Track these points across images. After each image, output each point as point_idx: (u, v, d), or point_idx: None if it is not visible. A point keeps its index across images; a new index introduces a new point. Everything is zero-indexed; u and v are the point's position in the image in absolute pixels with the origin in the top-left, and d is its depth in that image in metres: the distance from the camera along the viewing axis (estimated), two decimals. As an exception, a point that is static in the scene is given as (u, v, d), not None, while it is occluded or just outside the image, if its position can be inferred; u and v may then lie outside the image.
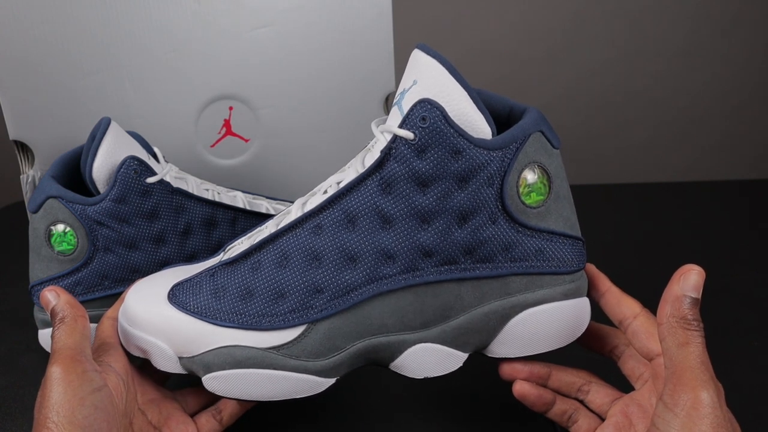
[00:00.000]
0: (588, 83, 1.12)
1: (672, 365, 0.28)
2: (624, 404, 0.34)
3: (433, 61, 0.32)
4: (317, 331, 0.33)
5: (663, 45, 1.09)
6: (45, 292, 0.34)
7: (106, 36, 0.52)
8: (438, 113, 0.31)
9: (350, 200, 0.33)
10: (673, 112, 1.13)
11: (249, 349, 0.33)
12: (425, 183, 0.32)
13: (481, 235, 0.33)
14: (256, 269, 0.34)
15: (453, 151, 0.31)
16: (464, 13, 1.09)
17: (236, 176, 0.58)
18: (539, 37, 1.10)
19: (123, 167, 0.41)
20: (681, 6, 1.07)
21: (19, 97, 0.53)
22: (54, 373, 0.29)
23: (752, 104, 1.13)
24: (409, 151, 0.31)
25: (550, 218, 0.34)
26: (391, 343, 0.34)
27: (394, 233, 0.32)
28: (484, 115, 0.32)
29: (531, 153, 0.33)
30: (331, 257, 0.33)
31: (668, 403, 0.27)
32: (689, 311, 0.28)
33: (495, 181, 0.32)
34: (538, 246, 0.33)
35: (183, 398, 0.38)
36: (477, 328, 0.34)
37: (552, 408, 0.35)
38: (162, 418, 0.35)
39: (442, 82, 0.32)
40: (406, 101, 0.32)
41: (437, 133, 0.31)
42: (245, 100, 0.56)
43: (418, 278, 0.33)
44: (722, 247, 0.67)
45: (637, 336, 0.33)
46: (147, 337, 0.34)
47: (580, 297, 0.35)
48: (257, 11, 0.54)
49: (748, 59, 1.10)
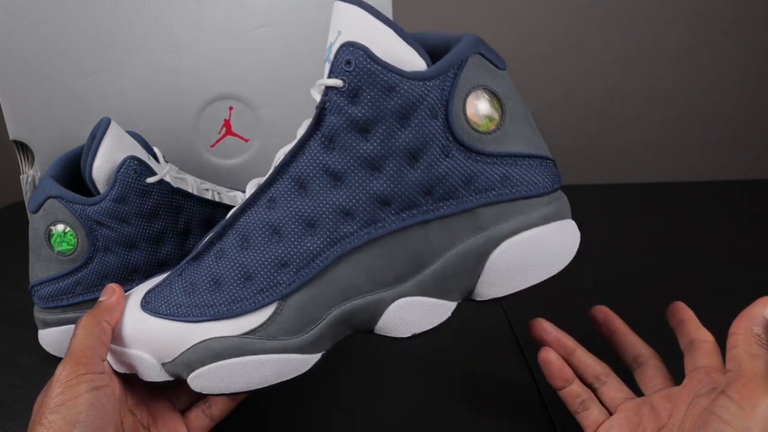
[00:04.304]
0: (588, 83, 1.12)
1: (740, 369, 0.30)
2: (637, 404, 0.35)
3: (353, 7, 0.30)
4: (289, 307, 0.32)
5: (663, 45, 1.09)
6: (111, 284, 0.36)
7: (106, 36, 0.52)
8: (362, 53, 0.29)
9: (296, 165, 0.32)
10: (673, 112, 1.13)
11: (225, 339, 0.32)
12: (365, 128, 0.30)
13: (436, 171, 0.31)
14: (220, 257, 0.34)
15: (386, 89, 0.30)
16: (464, 13, 1.09)
17: (236, 176, 0.58)
18: (539, 37, 1.10)
19: (123, 167, 0.41)
20: (681, 6, 1.07)
21: (19, 97, 0.53)
22: (60, 375, 0.30)
23: (752, 104, 1.13)
24: (342, 99, 0.30)
25: (509, 141, 0.31)
26: (368, 304, 0.32)
27: (346, 188, 0.31)
28: (416, 48, 0.30)
29: (473, 77, 0.31)
30: (289, 228, 0.32)
31: (734, 397, 0.29)
32: (764, 332, 0.31)
33: (438, 111, 0.30)
34: (503, 172, 0.31)
35: (174, 394, 0.38)
36: (455, 271, 0.32)
37: (568, 387, 0.36)
38: (151, 419, 0.36)
39: (366, 25, 0.30)
40: (332, 53, 0.31)
41: (365, 74, 0.29)
42: (245, 100, 0.56)
43: (381, 230, 0.31)
44: (722, 247, 0.67)
45: (650, 371, 0.36)
46: (126, 350, 0.34)
47: (562, 219, 0.33)
48: (257, 11, 0.54)
49: (748, 59, 1.10)
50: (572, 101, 1.13)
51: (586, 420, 0.36)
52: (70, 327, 0.45)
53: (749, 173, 1.14)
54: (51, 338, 0.46)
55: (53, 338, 0.46)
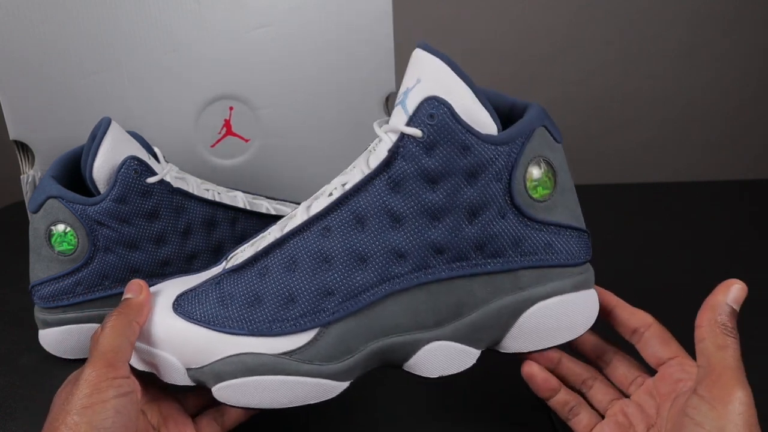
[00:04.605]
0: (588, 83, 1.12)
1: (710, 364, 0.29)
2: (623, 404, 0.35)
3: (435, 59, 0.32)
4: (330, 335, 0.33)
5: (663, 45, 1.09)
6: (137, 280, 0.35)
7: (106, 36, 0.52)
8: (446, 110, 0.31)
9: (358, 201, 0.33)
10: (673, 112, 1.13)
11: (261, 356, 0.33)
12: (434, 180, 0.32)
13: (490, 230, 0.33)
14: (264, 275, 0.34)
15: (461, 147, 0.31)
16: (464, 13, 1.09)
17: (236, 176, 0.58)
18: (539, 36, 1.10)
19: (123, 167, 0.41)
20: (681, 6, 1.07)
21: (19, 97, 0.53)
22: (88, 375, 0.29)
23: (752, 104, 1.13)
24: (418, 148, 0.31)
25: (557, 211, 0.34)
26: (406, 343, 0.34)
27: (404, 232, 0.32)
28: (489, 111, 0.32)
29: (536, 147, 0.33)
30: (341, 259, 0.33)
31: (705, 396, 0.28)
32: (729, 319, 0.30)
33: (503, 175, 0.32)
34: (547, 239, 0.34)
35: (184, 398, 0.38)
36: (490, 323, 0.34)
37: (555, 396, 0.36)
38: (161, 419, 0.35)
39: (446, 79, 0.32)
40: (410, 100, 0.32)
41: (445, 130, 0.31)
42: (245, 100, 0.56)
43: (430, 276, 0.33)
44: (722, 247, 0.67)
45: (650, 343, 0.34)
46: (153, 350, 0.34)
47: (589, 289, 0.35)
48: (257, 11, 0.54)
49: (748, 59, 1.10)
50: (572, 101, 1.13)
51: (578, 425, 0.36)
52: (71, 327, 0.45)
53: (749, 173, 1.14)
54: (51, 338, 0.46)
55: (53, 338, 0.46)
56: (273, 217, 0.49)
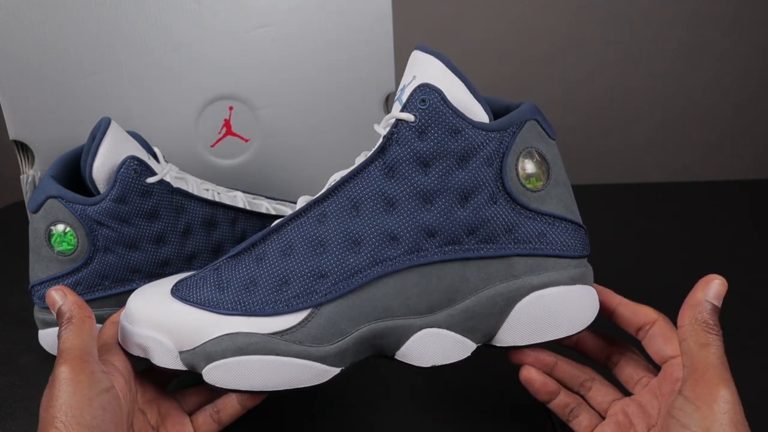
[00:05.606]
0: (588, 83, 1.12)
1: (693, 363, 0.29)
2: (624, 404, 0.34)
3: (431, 57, 0.33)
4: (321, 315, 0.33)
5: (663, 45, 1.09)
6: (51, 292, 0.34)
7: (106, 36, 0.52)
8: (437, 95, 0.32)
9: (354, 186, 0.34)
10: (673, 112, 1.13)
11: (252, 335, 0.33)
12: (427, 163, 0.33)
13: (482, 214, 0.33)
14: (261, 260, 0.35)
15: (452, 131, 0.32)
16: (464, 13, 1.09)
17: (236, 176, 0.58)
18: (539, 37, 1.10)
19: (123, 167, 0.41)
20: (681, 6, 1.07)
21: (19, 97, 0.53)
22: (62, 373, 0.29)
23: (752, 104, 1.13)
24: (411, 132, 0.33)
25: (550, 202, 0.34)
26: (397, 327, 0.34)
27: (397, 215, 0.33)
28: (482, 104, 0.33)
29: (528, 138, 0.34)
30: (335, 243, 0.34)
31: (689, 397, 0.28)
32: (710, 317, 0.30)
33: (494, 161, 0.33)
34: (540, 229, 0.34)
35: (182, 397, 0.38)
36: (484, 311, 0.34)
37: (555, 399, 0.35)
38: (160, 419, 0.35)
39: (441, 75, 0.33)
40: (406, 94, 0.33)
41: (437, 114, 0.32)
42: (245, 100, 0.56)
43: (422, 258, 0.33)
44: (722, 247, 0.67)
45: (654, 340, 0.34)
46: (146, 332, 0.34)
47: (587, 285, 0.35)
48: (257, 11, 0.54)
49: (748, 59, 1.10)
50: (572, 101, 1.13)
51: (578, 427, 0.35)
52: (70, 327, 0.45)
53: (749, 173, 1.14)
54: (51, 338, 0.46)
55: (53, 338, 0.46)
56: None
